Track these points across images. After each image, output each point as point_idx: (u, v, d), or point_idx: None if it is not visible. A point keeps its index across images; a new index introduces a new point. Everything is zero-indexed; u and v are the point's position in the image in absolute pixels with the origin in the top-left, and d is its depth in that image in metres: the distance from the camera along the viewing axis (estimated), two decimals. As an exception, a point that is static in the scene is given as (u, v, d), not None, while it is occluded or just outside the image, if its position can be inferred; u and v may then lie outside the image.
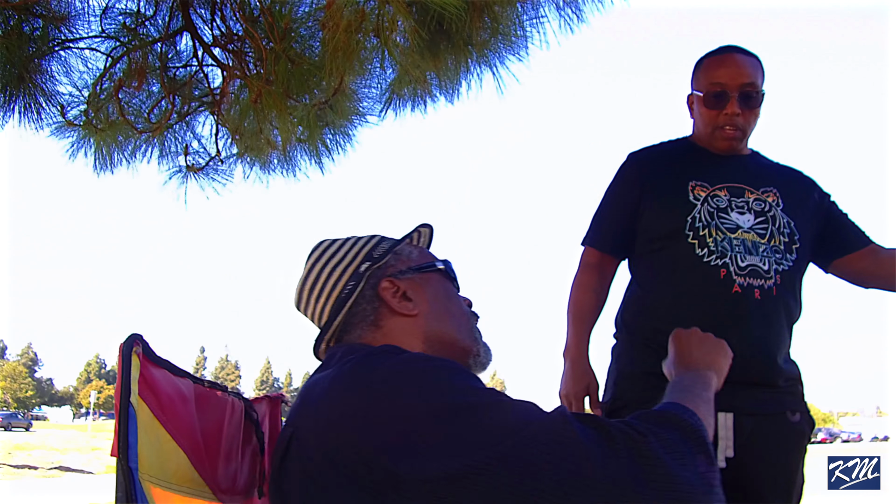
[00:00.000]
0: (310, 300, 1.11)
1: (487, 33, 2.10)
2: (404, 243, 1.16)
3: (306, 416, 0.90)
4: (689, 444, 0.81)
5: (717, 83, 1.72)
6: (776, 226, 1.70)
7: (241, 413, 1.27)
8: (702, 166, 1.76)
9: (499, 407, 0.82)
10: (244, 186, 3.12)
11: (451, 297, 1.14)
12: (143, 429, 0.91)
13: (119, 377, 0.89)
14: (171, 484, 0.98)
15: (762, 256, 1.65)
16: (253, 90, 2.43)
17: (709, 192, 1.71)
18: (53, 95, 2.66)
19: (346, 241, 1.14)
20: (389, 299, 1.07)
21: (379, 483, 0.79)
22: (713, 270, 1.64)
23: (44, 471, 15.22)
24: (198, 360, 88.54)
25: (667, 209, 1.73)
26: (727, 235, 1.66)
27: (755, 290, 1.63)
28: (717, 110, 1.73)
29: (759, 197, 1.73)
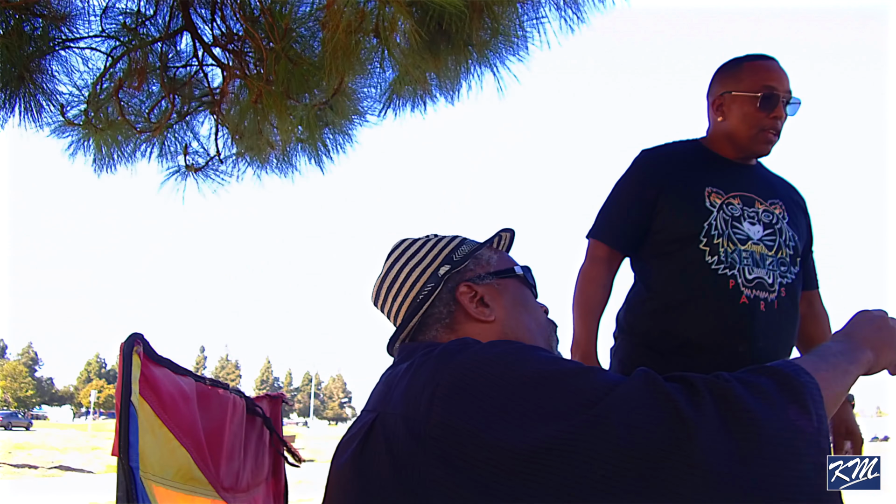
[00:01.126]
0: (387, 299, 1.12)
1: (488, 33, 2.10)
2: (485, 247, 1.15)
3: (393, 402, 0.90)
4: (782, 393, 0.80)
5: (769, 86, 1.73)
6: (783, 238, 1.72)
7: (242, 411, 1.28)
8: (716, 172, 1.76)
9: (586, 374, 0.83)
10: (244, 186, 3.12)
11: (527, 305, 1.13)
12: (145, 428, 0.91)
13: (120, 376, 0.89)
14: (173, 482, 0.98)
15: (768, 270, 1.67)
16: (253, 90, 2.43)
17: (724, 200, 1.72)
18: (53, 95, 2.66)
19: (426, 242, 1.13)
20: (466, 304, 1.07)
21: (471, 460, 0.79)
22: (722, 280, 1.65)
23: (44, 470, 15.21)
24: (198, 360, 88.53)
25: (684, 213, 1.72)
26: (738, 247, 1.67)
27: (761, 302, 1.64)
28: (765, 112, 1.73)
29: (767, 208, 1.74)
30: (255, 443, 1.31)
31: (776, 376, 0.82)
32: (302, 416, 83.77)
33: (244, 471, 1.23)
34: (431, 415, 0.82)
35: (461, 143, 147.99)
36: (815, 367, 0.87)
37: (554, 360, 0.86)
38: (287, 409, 1.54)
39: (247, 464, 1.24)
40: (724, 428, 0.75)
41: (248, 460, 1.25)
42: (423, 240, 1.14)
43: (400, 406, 0.88)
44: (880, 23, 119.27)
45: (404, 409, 0.87)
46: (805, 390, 0.81)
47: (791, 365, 0.86)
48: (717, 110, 1.81)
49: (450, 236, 1.15)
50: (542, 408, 0.79)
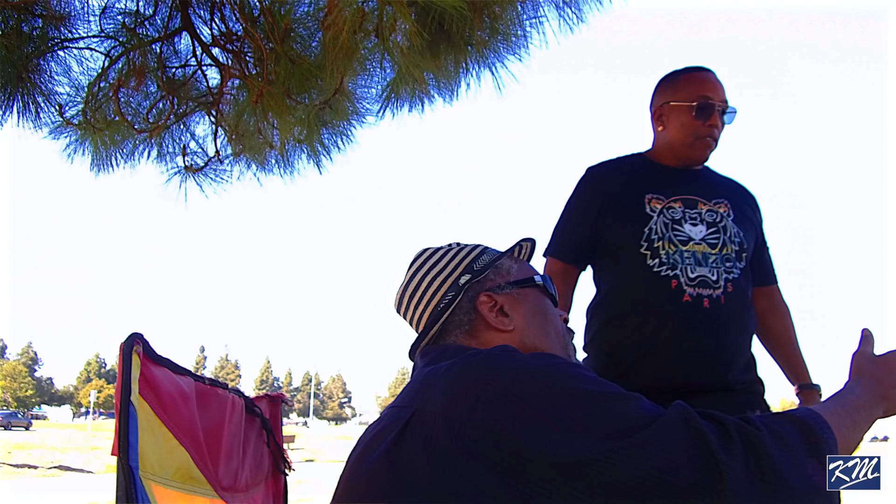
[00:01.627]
0: (409, 307, 1.14)
1: (487, 33, 2.10)
2: (505, 257, 1.17)
3: (432, 400, 0.91)
4: (805, 446, 0.85)
5: (705, 96, 1.83)
6: (727, 235, 1.79)
7: (241, 410, 1.28)
8: (658, 180, 1.86)
9: (627, 400, 0.86)
10: (243, 186, 3.12)
11: (546, 314, 1.15)
12: (144, 427, 0.91)
13: (119, 376, 0.90)
14: (172, 482, 0.98)
15: (711, 267, 1.74)
16: (253, 90, 2.43)
17: (664, 204, 1.81)
18: (52, 95, 2.65)
19: (448, 251, 1.16)
20: (486, 313, 1.09)
21: (507, 463, 0.81)
22: (664, 281, 1.72)
23: (43, 470, 15.21)
24: (198, 360, 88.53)
25: (624, 222, 1.81)
26: (679, 248, 1.75)
27: (704, 299, 1.71)
28: (702, 120, 1.83)
29: (711, 208, 1.82)
30: (254, 442, 1.31)
31: (802, 428, 0.88)
32: (302, 416, 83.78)
33: (243, 470, 1.23)
34: (474, 416, 0.84)
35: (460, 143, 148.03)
36: (838, 423, 0.92)
37: (598, 381, 0.89)
38: (287, 409, 1.54)
39: (246, 463, 1.24)
40: (751, 475, 0.79)
41: (247, 460, 1.25)
42: (445, 249, 1.17)
43: (440, 405, 0.89)
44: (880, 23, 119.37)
45: (445, 407, 0.88)
46: (825, 446, 0.87)
47: (817, 418, 0.91)
48: (658, 121, 1.91)
49: (471, 245, 1.17)
50: (583, 424, 0.81)
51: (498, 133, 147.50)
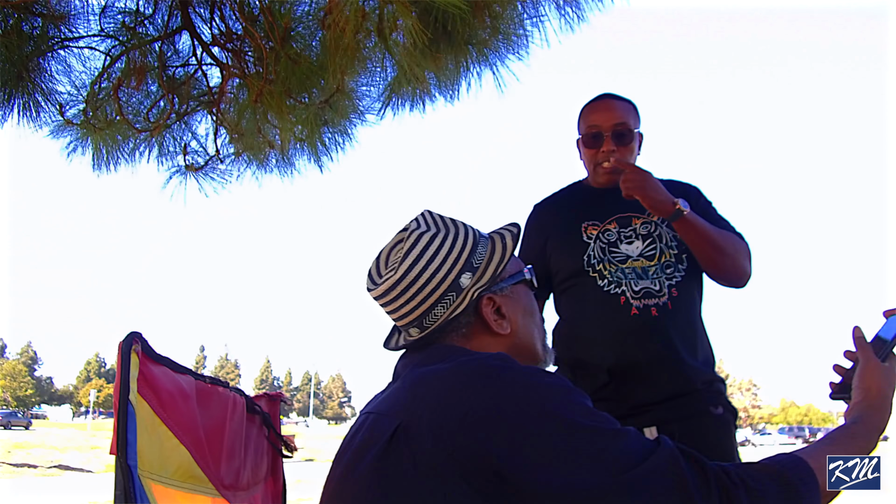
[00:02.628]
0: (398, 298, 1.08)
1: (487, 32, 2.10)
2: (497, 249, 1.13)
3: (420, 411, 0.89)
4: None
5: (592, 125, 1.94)
6: (664, 242, 1.88)
7: (242, 409, 1.28)
8: (593, 205, 1.97)
9: (618, 437, 0.86)
10: (244, 186, 3.11)
11: (533, 311, 1.16)
12: (143, 426, 0.91)
13: (118, 375, 0.89)
14: (172, 481, 0.98)
15: (652, 279, 1.83)
16: (253, 89, 2.42)
17: (600, 230, 1.91)
18: (52, 94, 2.65)
19: (444, 239, 1.09)
20: (488, 317, 1.08)
21: (493, 488, 0.81)
22: (613, 298, 1.82)
23: (43, 469, 15.20)
24: (197, 359, 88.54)
25: (566, 252, 1.93)
26: (619, 266, 1.85)
27: (651, 308, 1.80)
28: (594, 149, 1.94)
29: (645, 220, 1.91)
30: (254, 441, 1.31)
31: (781, 483, 0.89)
32: (301, 416, 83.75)
33: (245, 469, 1.23)
34: (462, 435, 0.83)
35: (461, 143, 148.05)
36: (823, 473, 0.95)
37: (592, 413, 0.88)
38: (286, 409, 1.54)
39: (247, 462, 1.24)
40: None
41: (248, 458, 1.25)
42: (440, 236, 1.10)
43: (428, 417, 0.87)
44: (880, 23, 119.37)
45: (433, 421, 0.86)
46: (801, 499, 0.89)
47: (801, 469, 0.92)
48: (580, 154, 2.03)
49: (463, 231, 1.12)
50: (574, 459, 0.81)
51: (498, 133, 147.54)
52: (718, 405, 1.81)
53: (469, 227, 1.14)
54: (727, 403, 1.84)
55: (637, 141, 1.97)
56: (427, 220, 1.13)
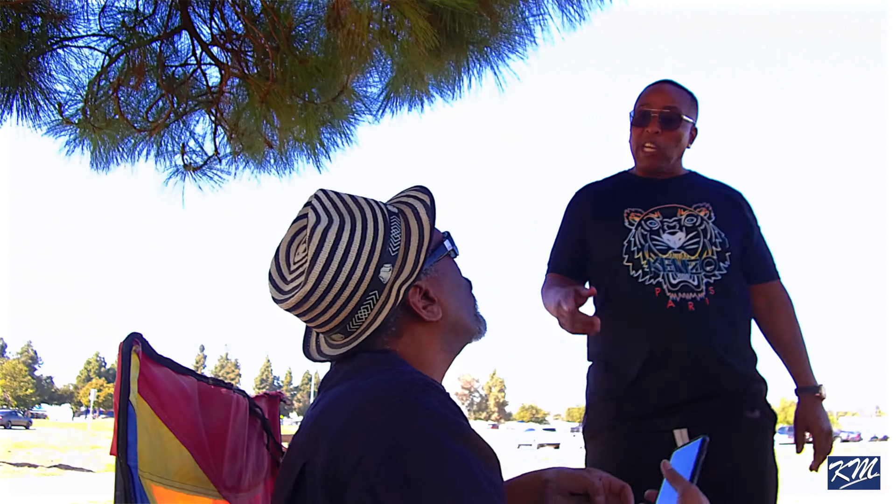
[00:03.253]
0: (313, 309, 0.97)
1: (488, 31, 2.10)
2: (414, 231, 1.02)
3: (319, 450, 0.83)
4: None
5: (644, 105, 1.90)
6: (708, 237, 1.83)
7: (245, 410, 1.27)
8: (637, 193, 1.92)
9: None
10: (243, 185, 3.12)
11: (459, 282, 1.08)
12: (144, 427, 0.91)
13: (118, 376, 0.89)
14: (173, 482, 0.98)
15: (692, 273, 1.78)
16: (258, 90, 2.42)
17: (642, 217, 1.86)
18: (51, 93, 2.65)
19: (351, 235, 0.97)
20: (417, 307, 0.99)
21: None
22: (648, 289, 1.77)
23: (43, 469, 15.20)
24: (197, 359, 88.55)
25: (605, 236, 1.88)
26: (659, 256, 1.79)
27: (688, 302, 1.74)
28: (640, 129, 1.90)
29: (691, 213, 1.86)
30: (256, 442, 1.30)
31: None
32: (302, 416, 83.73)
33: (247, 470, 1.22)
34: (351, 484, 0.78)
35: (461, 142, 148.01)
36: None
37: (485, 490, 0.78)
38: (287, 409, 1.54)
39: (249, 463, 1.24)
40: None
41: (249, 459, 1.24)
42: (345, 229, 0.97)
43: (323, 458, 0.82)
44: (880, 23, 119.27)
45: (326, 467, 0.81)
46: None
47: None
48: (629, 139, 1.98)
49: (370, 214, 1.00)
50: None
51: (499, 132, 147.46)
52: (755, 409, 1.75)
53: (373, 204, 1.02)
54: (765, 406, 1.77)
55: (687, 130, 1.90)
56: (326, 207, 1.00)
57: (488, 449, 0.84)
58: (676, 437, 1.67)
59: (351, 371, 0.96)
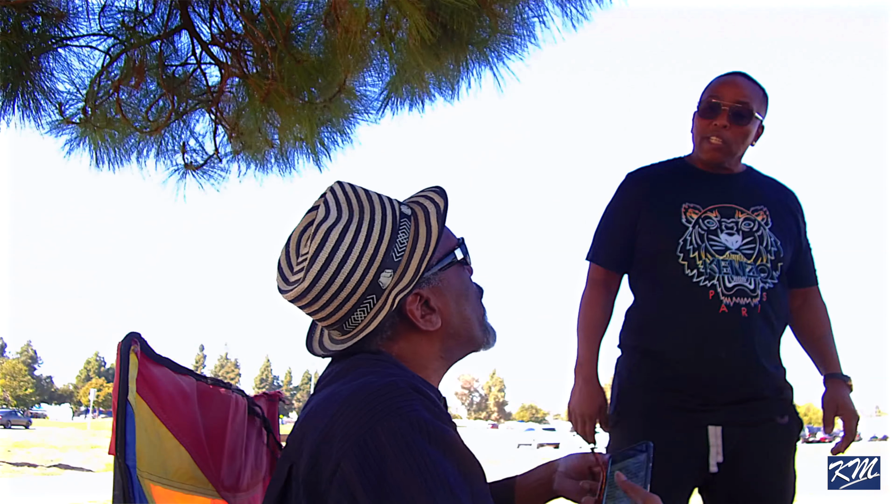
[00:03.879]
0: (313, 304, 0.97)
1: (487, 31, 2.10)
2: (421, 237, 1.00)
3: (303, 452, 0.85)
4: None
5: (714, 96, 1.83)
6: (763, 245, 1.78)
7: (244, 410, 1.27)
8: (695, 187, 1.85)
9: None
10: (243, 185, 3.11)
11: (467, 291, 1.05)
12: (143, 427, 0.91)
13: (117, 376, 0.89)
14: (171, 481, 0.98)
15: (748, 276, 1.74)
16: (259, 89, 2.41)
17: (700, 214, 1.80)
18: (52, 93, 2.65)
19: (356, 235, 0.96)
20: (415, 316, 0.98)
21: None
22: (702, 291, 1.72)
23: (43, 468, 15.19)
24: (197, 359, 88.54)
25: (660, 231, 1.82)
26: (716, 258, 1.74)
27: (742, 308, 1.71)
28: (707, 120, 1.83)
29: (749, 216, 1.81)
30: (254, 442, 1.31)
31: None
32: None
33: (245, 470, 1.23)
34: (331, 491, 0.79)
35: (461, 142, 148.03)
36: None
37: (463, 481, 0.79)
38: (287, 408, 1.54)
39: (248, 463, 1.24)
40: None
41: (248, 459, 1.25)
42: (351, 228, 0.96)
43: (305, 463, 0.83)
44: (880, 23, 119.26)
45: (307, 471, 0.82)
46: None
47: None
48: (691, 128, 1.92)
49: (379, 214, 0.98)
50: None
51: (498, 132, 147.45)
52: (785, 414, 1.75)
53: (386, 203, 1.01)
54: (794, 412, 1.78)
55: (755, 127, 1.84)
56: (339, 202, 0.99)
57: (469, 456, 0.84)
58: (710, 433, 1.68)
59: (342, 371, 0.96)
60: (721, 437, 1.68)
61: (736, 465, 1.68)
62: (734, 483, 1.70)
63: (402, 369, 0.95)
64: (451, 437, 0.82)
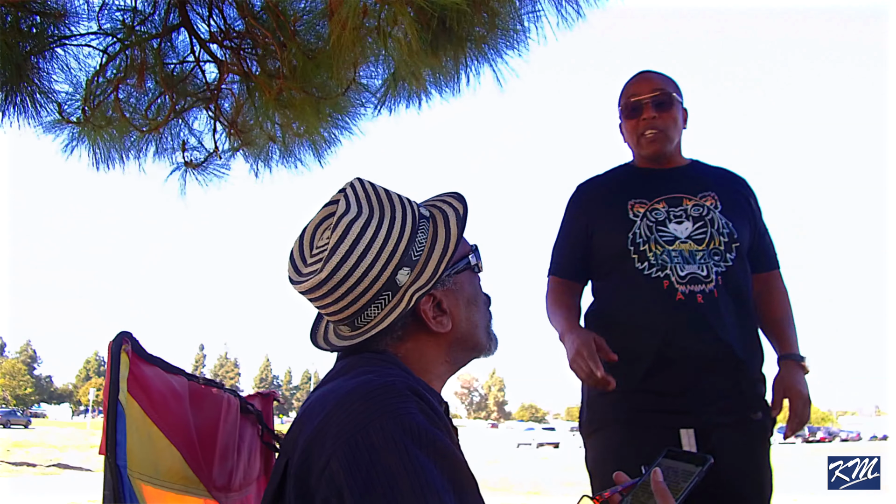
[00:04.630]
0: (325, 297, 0.96)
1: (485, 28, 2.09)
2: (440, 239, 1.00)
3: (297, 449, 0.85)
4: None
5: (631, 95, 1.90)
6: (715, 227, 1.79)
7: (237, 410, 1.27)
8: (640, 184, 1.89)
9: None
10: (242, 183, 3.11)
11: (477, 298, 1.06)
12: (134, 426, 0.90)
13: (107, 375, 0.89)
14: (163, 481, 0.97)
15: (699, 263, 1.74)
16: (271, 88, 2.40)
17: (647, 207, 1.83)
18: (51, 92, 2.64)
19: (376, 231, 0.96)
20: (427, 316, 0.98)
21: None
22: (656, 282, 1.74)
23: (42, 468, 15.19)
24: (197, 358, 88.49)
25: (610, 231, 1.85)
26: (666, 248, 1.76)
27: (697, 295, 1.72)
28: (635, 119, 1.89)
29: (697, 202, 1.83)
30: (248, 442, 1.30)
31: None
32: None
33: (238, 470, 1.22)
34: (319, 488, 0.79)
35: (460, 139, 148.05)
36: None
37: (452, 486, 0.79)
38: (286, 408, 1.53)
39: (240, 463, 1.24)
40: None
41: (241, 459, 1.24)
42: (371, 225, 0.96)
43: (297, 460, 0.83)
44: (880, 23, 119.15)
45: (299, 467, 0.82)
46: None
47: None
48: (623, 136, 1.98)
49: (399, 212, 0.99)
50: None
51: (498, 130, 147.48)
52: (758, 410, 1.74)
53: (406, 203, 1.01)
54: (766, 407, 1.76)
55: (680, 112, 1.90)
56: (359, 198, 0.99)
57: (461, 465, 0.82)
58: (682, 436, 1.66)
59: (343, 369, 0.96)
60: (694, 438, 1.65)
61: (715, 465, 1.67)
62: (714, 483, 1.68)
63: (403, 370, 0.95)
64: (444, 443, 0.81)
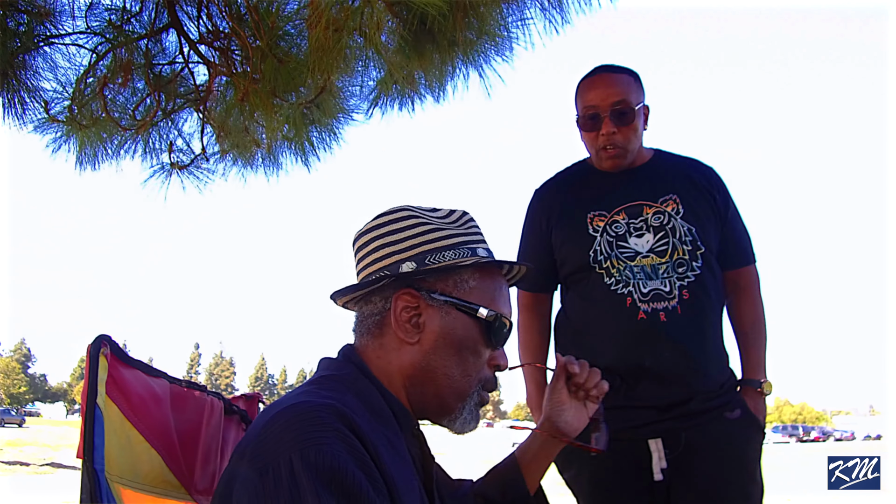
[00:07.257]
0: (357, 252, 1.04)
1: (473, 33, 2.09)
2: (474, 268, 1.00)
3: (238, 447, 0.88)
4: None
5: (589, 106, 1.75)
6: (677, 237, 1.72)
7: (220, 413, 1.27)
8: (598, 192, 1.79)
9: None
10: (237, 183, 3.10)
11: (464, 352, 0.98)
12: (112, 430, 0.90)
13: (86, 378, 0.88)
14: (142, 485, 0.97)
15: (662, 279, 1.69)
16: (239, 88, 2.41)
17: (607, 220, 1.75)
18: (37, 91, 2.63)
19: (418, 223, 1.00)
20: (397, 313, 0.97)
21: None
22: (620, 299, 1.69)
23: (36, 467, 15.12)
24: (192, 357, 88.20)
25: (571, 245, 1.78)
26: (627, 264, 1.70)
27: (660, 313, 1.67)
28: (594, 132, 1.75)
29: (658, 209, 1.75)
30: (232, 444, 1.30)
31: None
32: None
33: (220, 473, 1.22)
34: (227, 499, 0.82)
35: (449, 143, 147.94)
36: None
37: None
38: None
39: (223, 466, 1.23)
40: None
41: (224, 462, 1.24)
42: (419, 218, 1.01)
43: (230, 464, 0.86)
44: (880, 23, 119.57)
45: (228, 470, 0.85)
46: None
47: None
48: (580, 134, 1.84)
49: (446, 233, 1.00)
50: None
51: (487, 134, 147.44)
52: (735, 408, 1.69)
53: (462, 235, 1.01)
54: (745, 406, 1.71)
55: (641, 118, 1.76)
56: (437, 210, 1.05)
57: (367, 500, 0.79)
58: (651, 447, 1.64)
59: (313, 374, 0.99)
60: (662, 444, 1.63)
61: (689, 466, 1.63)
62: (689, 485, 1.64)
63: (364, 378, 0.95)
64: (353, 481, 0.78)
